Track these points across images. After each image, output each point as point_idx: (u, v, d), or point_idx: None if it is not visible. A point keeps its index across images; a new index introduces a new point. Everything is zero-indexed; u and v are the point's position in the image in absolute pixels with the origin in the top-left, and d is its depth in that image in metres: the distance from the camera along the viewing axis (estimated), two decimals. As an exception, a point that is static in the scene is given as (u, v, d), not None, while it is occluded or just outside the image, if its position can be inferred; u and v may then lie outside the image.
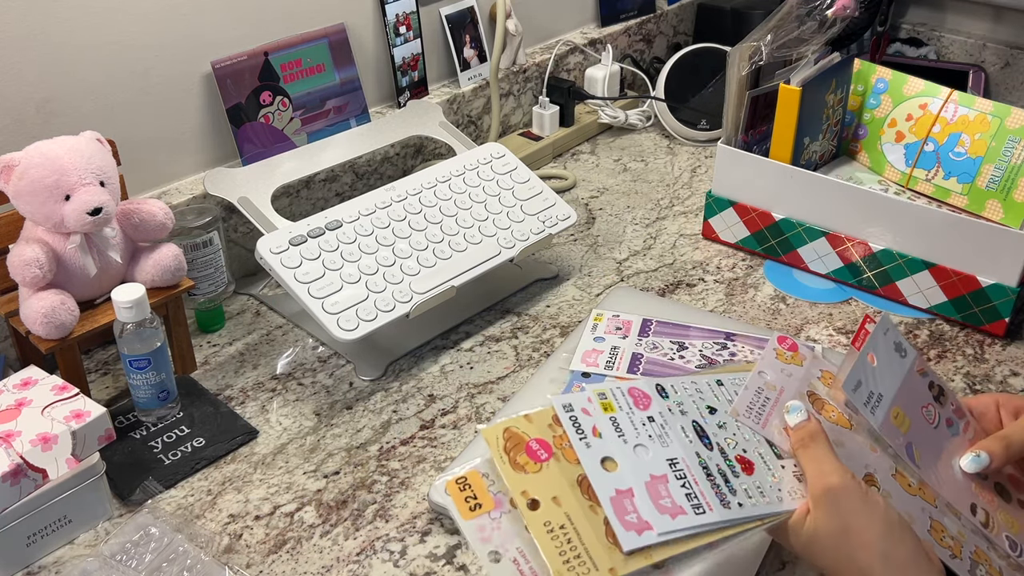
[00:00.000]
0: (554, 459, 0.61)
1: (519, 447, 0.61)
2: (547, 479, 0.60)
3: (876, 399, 0.69)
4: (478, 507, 0.60)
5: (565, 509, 0.59)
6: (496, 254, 0.99)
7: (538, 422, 0.63)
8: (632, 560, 0.57)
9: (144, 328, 0.82)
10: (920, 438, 0.69)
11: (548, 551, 0.57)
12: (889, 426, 0.68)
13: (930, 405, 0.72)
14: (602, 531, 0.58)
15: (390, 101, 1.25)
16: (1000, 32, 1.60)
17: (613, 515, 0.59)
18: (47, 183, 0.80)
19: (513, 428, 0.62)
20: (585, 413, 0.64)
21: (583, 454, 0.62)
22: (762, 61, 1.06)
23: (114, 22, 0.95)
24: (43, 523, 0.73)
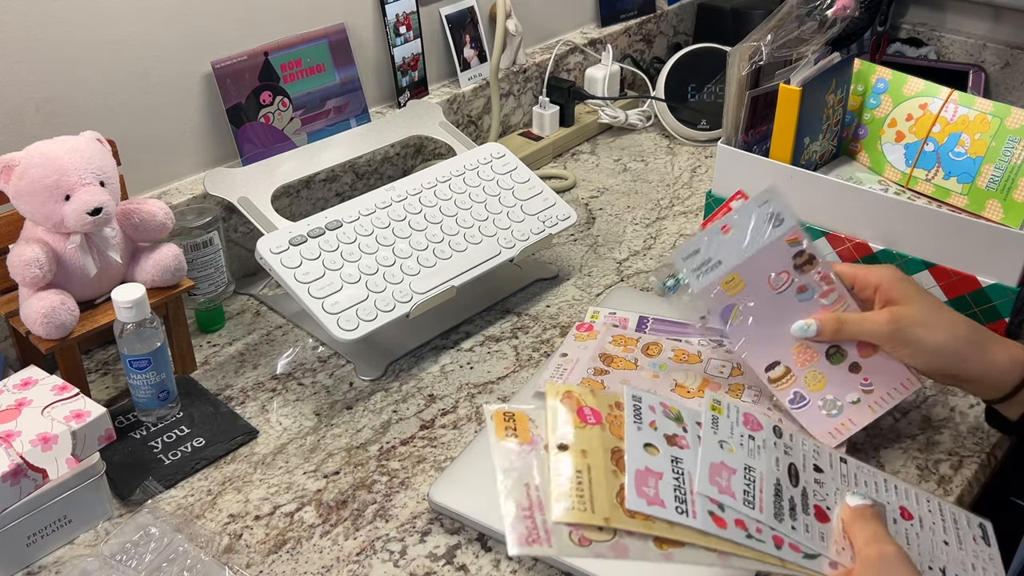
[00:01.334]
0: (600, 427, 0.64)
1: (572, 407, 0.65)
2: (585, 436, 0.63)
3: (711, 265, 0.76)
4: (514, 435, 0.64)
5: (589, 462, 0.62)
6: (496, 254, 0.99)
7: (600, 399, 0.66)
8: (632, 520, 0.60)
9: (144, 328, 0.82)
10: (751, 301, 0.77)
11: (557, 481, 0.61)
12: (712, 289, 0.76)
13: (784, 272, 0.78)
14: (615, 492, 0.61)
15: (390, 101, 1.25)
16: (1000, 32, 1.60)
17: (632, 481, 0.62)
18: (47, 183, 0.80)
19: (575, 393, 0.66)
20: (651, 410, 0.68)
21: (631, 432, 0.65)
22: (762, 61, 1.06)
23: (114, 22, 0.94)
24: (43, 523, 0.73)
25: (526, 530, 0.59)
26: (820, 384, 0.77)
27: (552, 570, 0.73)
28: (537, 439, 0.64)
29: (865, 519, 0.64)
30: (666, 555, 0.60)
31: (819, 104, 1.09)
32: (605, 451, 0.63)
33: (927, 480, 0.80)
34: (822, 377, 0.77)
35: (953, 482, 0.80)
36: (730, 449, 0.67)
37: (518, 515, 0.60)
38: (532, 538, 0.59)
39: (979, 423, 0.88)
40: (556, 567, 0.73)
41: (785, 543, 0.63)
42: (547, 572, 0.73)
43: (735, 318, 0.77)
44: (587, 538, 0.59)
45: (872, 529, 0.63)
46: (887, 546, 0.61)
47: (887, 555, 0.60)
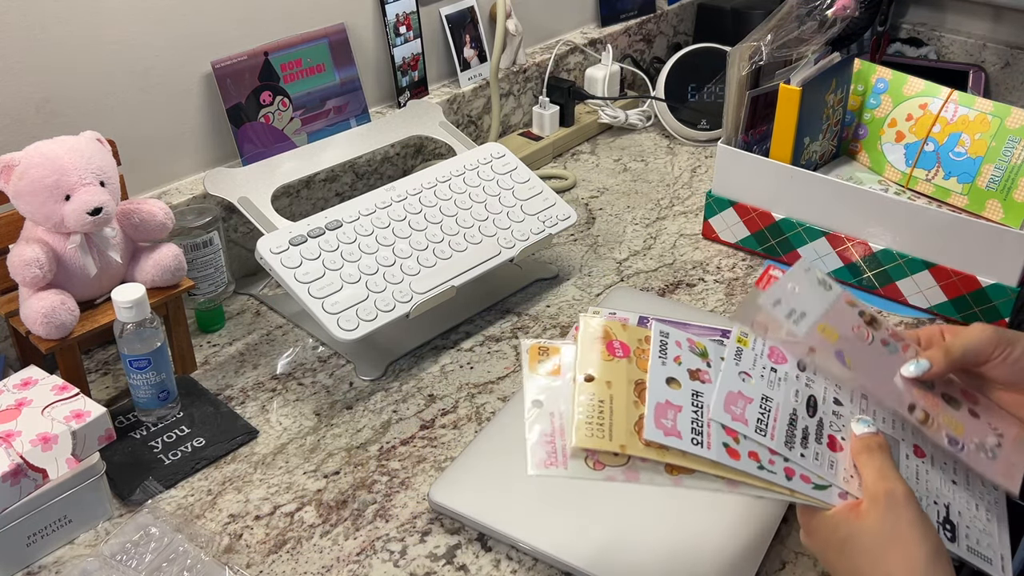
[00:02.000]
0: (627, 360, 0.66)
1: (604, 340, 0.67)
2: (612, 368, 0.65)
3: (799, 315, 0.71)
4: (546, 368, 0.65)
5: (612, 392, 0.63)
6: (496, 254, 0.99)
7: (631, 333, 0.68)
8: (646, 449, 0.61)
9: (144, 328, 0.82)
10: (852, 349, 0.71)
11: (579, 409, 0.62)
12: (815, 335, 0.70)
13: (861, 327, 0.74)
14: (633, 421, 0.62)
15: (390, 101, 1.25)
16: (1000, 32, 1.60)
17: (651, 413, 0.63)
18: (47, 183, 0.80)
19: (608, 327, 0.68)
20: (677, 345, 0.69)
21: (655, 366, 0.66)
22: (762, 61, 1.06)
23: (114, 22, 0.94)
24: (43, 523, 0.73)
25: (545, 454, 0.61)
26: (960, 428, 0.72)
27: (552, 570, 0.73)
28: (566, 373, 0.66)
29: (871, 451, 0.64)
30: (675, 480, 0.62)
31: (819, 104, 1.09)
32: (629, 382, 0.65)
33: (927, 480, 0.80)
34: (957, 422, 0.72)
35: (953, 482, 0.80)
36: (750, 381, 0.68)
37: (540, 440, 0.62)
38: (550, 461, 0.61)
39: (979, 423, 0.88)
40: (556, 567, 0.73)
41: (796, 474, 0.64)
42: (547, 572, 0.73)
43: (850, 362, 0.71)
44: (601, 462, 0.61)
45: (879, 463, 0.63)
46: (895, 484, 0.61)
47: (894, 495, 0.60)
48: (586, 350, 0.66)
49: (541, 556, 0.73)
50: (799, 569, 0.74)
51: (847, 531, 0.61)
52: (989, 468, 0.71)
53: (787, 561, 0.75)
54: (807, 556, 0.75)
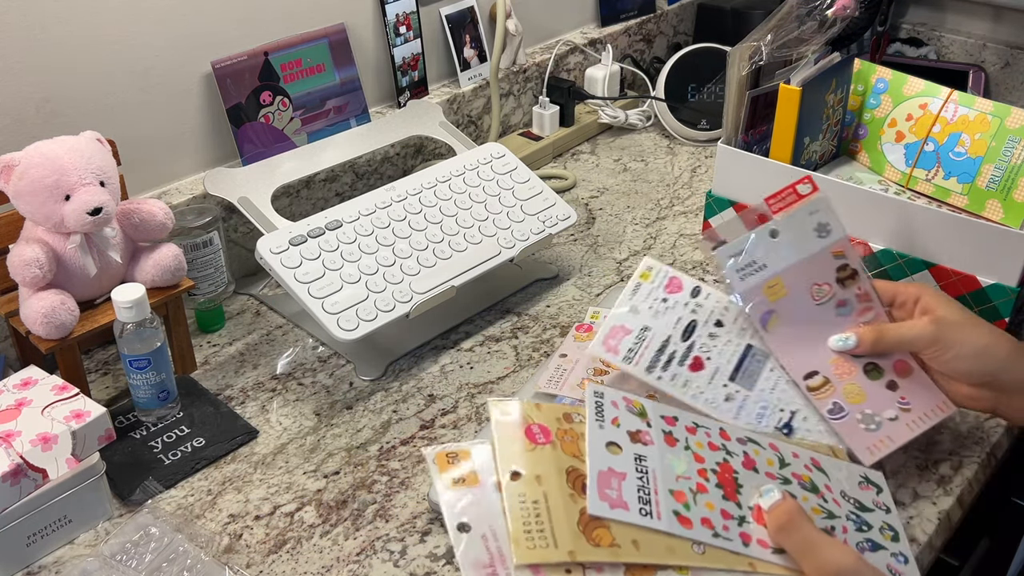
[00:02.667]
0: (551, 446, 0.61)
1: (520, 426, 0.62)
2: (537, 459, 0.60)
3: (755, 268, 0.76)
4: (461, 481, 0.60)
5: (544, 489, 0.59)
6: (496, 254, 0.99)
7: (547, 413, 0.64)
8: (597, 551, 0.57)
9: (144, 328, 0.82)
10: (791, 309, 0.77)
11: (514, 517, 0.57)
12: (752, 293, 0.76)
13: (827, 284, 0.78)
14: (575, 519, 0.58)
15: (390, 101, 1.25)
16: (1000, 32, 1.60)
17: (594, 483, 0.60)
18: (47, 183, 0.80)
19: (523, 411, 0.63)
20: (613, 406, 0.66)
21: (592, 432, 0.63)
22: (762, 61, 1.06)
23: (114, 22, 0.95)
24: (43, 523, 0.73)
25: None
26: (859, 398, 0.76)
27: (552, 570, 0.73)
28: (486, 478, 0.60)
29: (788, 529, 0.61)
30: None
31: (819, 104, 1.09)
32: (560, 473, 0.60)
33: (927, 480, 0.80)
34: (861, 392, 0.76)
35: (953, 482, 0.80)
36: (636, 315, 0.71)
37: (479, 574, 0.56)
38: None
39: (979, 423, 0.88)
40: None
41: (753, 539, 0.62)
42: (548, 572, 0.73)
43: (773, 324, 0.76)
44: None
45: (801, 537, 0.60)
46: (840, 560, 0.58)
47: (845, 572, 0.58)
48: (505, 442, 0.61)
49: (541, 556, 0.73)
50: (799, 569, 0.74)
51: None
52: (857, 438, 0.74)
53: (787, 561, 0.75)
54: (807, 556, 0.75)
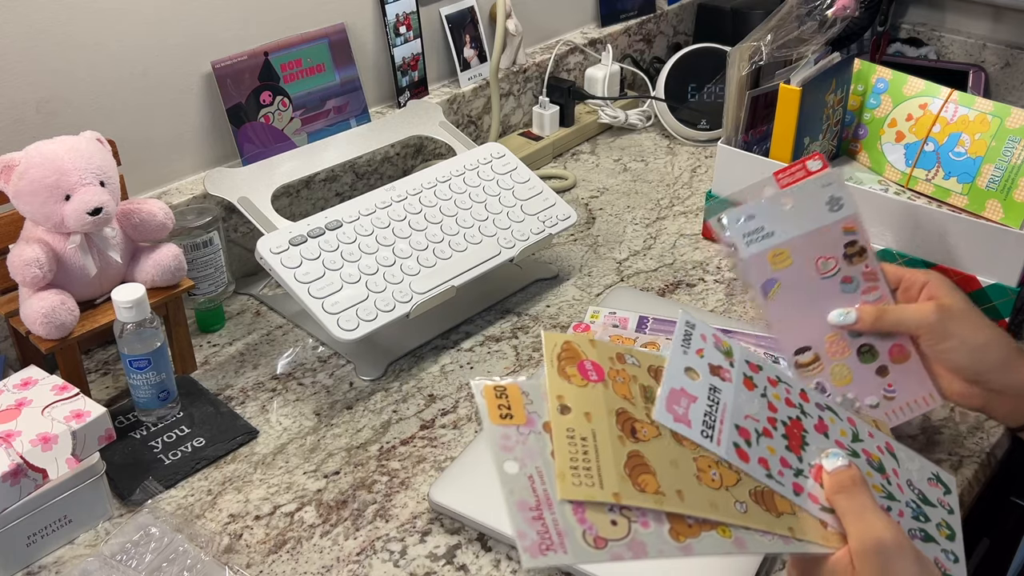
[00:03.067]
0: (603, 385, 0.59)
1: (572, 361, 0.60)
2: (587, 396, 0.58)
3: (764, 234, 0.74)
4: (509, 417, 0.57)
5: (593, 427, 0.57)
6: (496, 254, 0.99)
7: (601, 351, 0.62)
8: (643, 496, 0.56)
9: (144, 328, 0.82)
10: (794, 280, 0.75)
11: (561, 451, 0.55)
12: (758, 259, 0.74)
13: (833, 258, 0.76)
14: (622, 462, 0.56)
15: (390, 101, 1.25)
16: (1000, 32, 1.60)
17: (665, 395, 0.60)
18: (47, 183, 0.80)
19: (574, 343, 0.60)
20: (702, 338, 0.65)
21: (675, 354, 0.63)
22: (762, 61, 1.06)
23: (114, 22, 0.94)
24: (43, 523, 0.73)
25: (537, 536, 0.53)
26: (845, 380, 0.76)
27: (552, 570, 0.73)
28: (534, 417, 0.58)
29: (848, 492, 0.60)
30: (684, 548, 0.56)
31: (819, 104, 1.09)
32: (610, 413, 0.58)
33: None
34: (848, 373, 0.76)
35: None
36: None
37: (525, 517, 0.53)
38: (545, 544, 0.53)
39: (979, 423, 0.88)
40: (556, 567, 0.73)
41: (804, 492, 0.61)
42: (548, 572, 0.73)
43: (775, 293, 0.75)
44: (603, 538, 0.54)
45: (859, 505, 0.59)
46: (882, 531, 0.57)
47: (883, 547, 0.56)
48: (555, 375, 0.59)
49: (541, 556, 0.73)
50: (799, 569, 0.74)
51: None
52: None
53: (787, 561, 0.75)
54: (807, 556, 0.75)
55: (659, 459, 0.58)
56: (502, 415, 0.57)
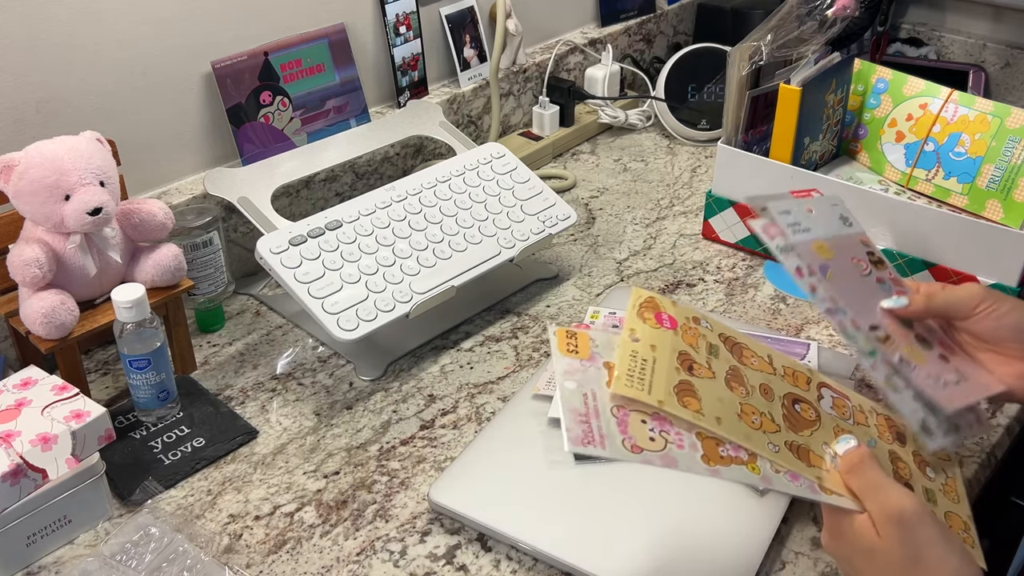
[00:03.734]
0: (673, 332, 0.66)
1: (652, 310, 0.67)
2: (657, 336, 0.65)
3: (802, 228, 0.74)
4: (575, 352, 0.64)
5: (655, 355, 0.63)
6: (496, 254, 0.99)
7: (680, 310, 0.68)
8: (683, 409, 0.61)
9: (144, 328, 0.82)
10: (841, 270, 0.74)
11: (622, 362, 0.62)
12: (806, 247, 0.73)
13: (862, 261, 0.76)
14: (673, 384, 0.62)
15: (390, 101, 1.25)
16: (1000, 32, 1.60)
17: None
18: (47, 183, 0.80)
19: (657, 299, 0.67)
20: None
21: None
22: (762, 61, 1.06)
23: (114, 22, 0.94)
24: (43, 523, 0.73)
25: (582, 432, 0.60)
26: (920, 360, 0.75)
27: (552, 570, 0.73)
28: (596, 356, 0.65)
29: (858, 470, 0.62)
30: (713, 471, 0.61)
31: (819, 104, 1.09)
32: (673, 352, 0.64)
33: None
34: (921, 353, 0.75)
35: (953, 482, 0.80)
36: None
37: (575, 419, 0.60)
38: (587, 439, 0.60)
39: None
40: (556, 567, 0.73)
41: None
42: (547, 572, 0.73)
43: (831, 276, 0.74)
44: (639, 447, 0.60)
45: (870, 479, 0.61)
46: (901, 500, 0.59)
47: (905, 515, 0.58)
48: (634, 316, 0.66)
49: (541, 556, 0.73)
50: (799, 569, 0.74)
51: (871, 544, 0.59)
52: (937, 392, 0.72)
53: (787, 561, 0.75)
54: (807, 556, 0.75)
55: (707, 392, 0.63)
56: (569, 349, 0.64)
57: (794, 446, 0.64)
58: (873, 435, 0.70)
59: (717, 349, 0.67)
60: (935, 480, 0.70)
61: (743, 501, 0.77)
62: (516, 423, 0.84)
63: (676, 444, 0.61)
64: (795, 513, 0.78)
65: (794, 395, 0.69)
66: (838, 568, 0.69)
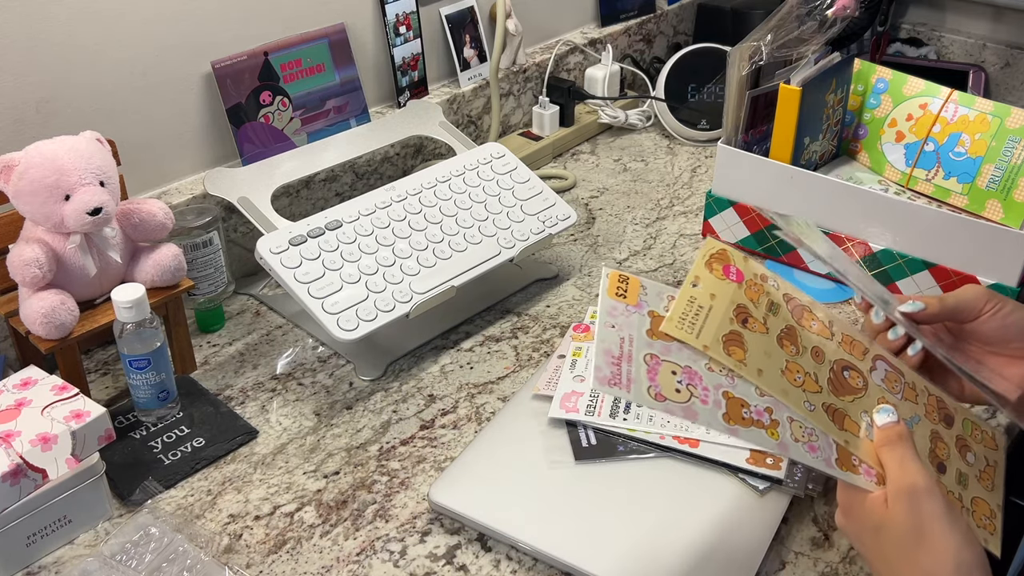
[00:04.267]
0: (737, 285, 0.67)
1: (721, 261, 0.68)
2: (720, 286, 0.66)
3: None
4: (622, 296, 0.66)
5: (713, 304, 0.65)
6: (496, 254, 0.99)
7: (749, 265, 0.69)
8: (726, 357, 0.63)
9: (144, 328, 0.82)
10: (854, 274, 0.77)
11: (677, 306, 0.64)
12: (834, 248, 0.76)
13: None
14: (724, 332, 0.64)
15: (390, 101, 1.25)
16: (1000, 32, 1.60)
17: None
18: (47, 183, 0.80)
19: (729, 252, 0.68)
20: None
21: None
22: (762, 61, 1.06)
23: (114, 22, 0.94)
24: (43, 523, 0.73)
25: (610, 373, 0.61)
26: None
27: (552, 570, 0.73)
28: (643, 303, 0.67)
29: (893, 444, 0.64)
30: (731, 430, 0.62)
31: (819, 104, 1.09)
32: (732, 303, 0.66)
33: (927, 480, 0.80)
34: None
35: (953, 482, 0.80)
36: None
37: (606, 359, 0.62)
38: (614, 381, 0.61)
39: (979, 423, 0.88)
40: (556, 567, 0.73)
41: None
42: (547, 572, 0.73)
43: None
44: (663, 396, 0.61)
45: (900, 455, 0.63)
46: (916, 477, 0.61)
47: (915, 489, 0.60)
48: (701, 264, 0.67)
49: (541, 556, 0.73)
50: (799, 569, 0.74)
51: (879, 520, 0.61)
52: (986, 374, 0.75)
53: (787, 561, 0.75)
54: (807, 556, 0.75)
55: (755, 345, 0.65)
56: (617, 293, 0.66)
57: (831, 408, 0.65)
58: (920, 412, 0.70)
59: (778, 307, 0.68)
60: (973, 465, 0.70)
61: (743, 501, 0.77)
62: (516, 423, 0.84)
63: (701, 399, 0.62)
64: (795, 513, 0.78)
65: (846, 362, 0.69)
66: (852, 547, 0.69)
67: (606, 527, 0.74)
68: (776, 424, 0.63)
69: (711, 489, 0.77)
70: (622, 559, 0.72)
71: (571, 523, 0.75)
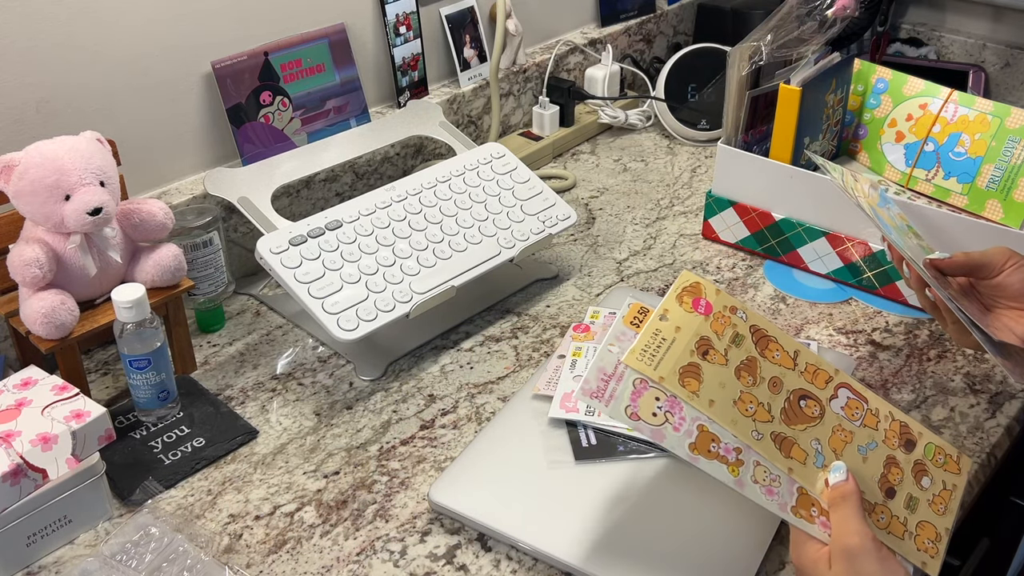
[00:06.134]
0: (704, 318, 0.70)
1: (693, 295, 0.71)
2: (687, 319, 0.69)
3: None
4: (636, 325, 0.70)
5: (676, 336, 0.68)
6: (496, 254, 0.99)
7: (720, 299, 0.71)
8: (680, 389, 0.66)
9: (144, 328, 0.82)
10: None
11: (642, 339, 0.67)
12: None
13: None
14: (682, 365, 0.67)
15: (390, 101, 1.25)
16: (1000, 32, 1.60)
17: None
18: (47, 183, 0.80)
19: (703, 285, 0.71)
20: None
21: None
22: (762, 61, 1.06)
23: (114, 22, 0.94)
24: (43, 523, 0.73)
25: (595, 387, 0.65)
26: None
27: (552, 570, 0.73)
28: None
29: (837, 504, 0.67)
30: (693, 458, 0.65)
31: (819, 104, 1.09)
32: (695, 336, 0.68)
33: (927, 480, 0.80)
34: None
35: (953, 482, 0.80)
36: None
37: (597, 375, 0.66)
38: (596, 394, 0.65)
39: (979, 423, 0.88)
40: (556, 567, 0.73)
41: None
42: (547, 572, 0.73)
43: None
44: (638, 415, 0.65)
45: (844, 514, 0.66)
46: (854, 537, 0.64)
47: (852, 550, 0.64)
48: (672, 297, 0.70)
49: (541, 556, 0.73)
50: (799, 569, 0.74)
51: (823, 572, 0.65)
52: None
53: (787, 561, 0.75)
54: (807, 556, 0.75)
55: (711, 377, 0.67)
56: (632, 322, 0.70)
57: (779, 437, 0.68)
58: (878, 439, 0.72)
59: (742, 339, 0.70)
60: (928, 489, 0.72)
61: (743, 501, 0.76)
62: (516, 423, 0.84)
63: (674, 427, 0.65)
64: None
65: (804, 391, 0.71)
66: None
67: (606, 527, 0.74)
68: (740, 464, 0.67)
69: (711, 489, 0.77)
70: (622, 559, 0.72)
71: (571, 523, 0.75)
